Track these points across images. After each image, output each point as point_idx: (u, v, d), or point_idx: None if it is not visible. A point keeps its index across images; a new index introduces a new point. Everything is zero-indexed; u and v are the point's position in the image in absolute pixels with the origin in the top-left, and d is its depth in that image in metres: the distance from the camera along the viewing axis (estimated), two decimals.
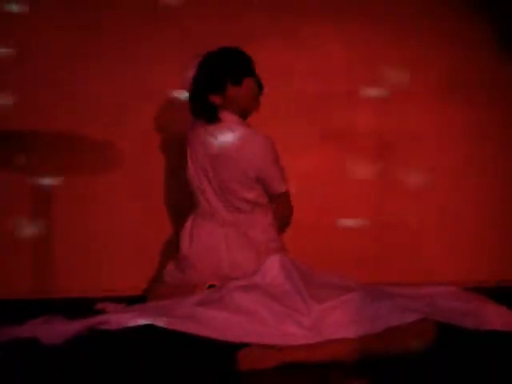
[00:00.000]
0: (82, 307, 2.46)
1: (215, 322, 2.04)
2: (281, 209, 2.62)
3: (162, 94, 3.10)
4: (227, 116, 2.53)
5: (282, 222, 2.65)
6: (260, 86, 2.59)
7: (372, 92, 3.29)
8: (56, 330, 2.07)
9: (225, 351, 1.95)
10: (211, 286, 2.39)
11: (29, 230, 3.02)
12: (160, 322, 2.03)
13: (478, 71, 3.39)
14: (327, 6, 3.27)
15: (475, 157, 3.40)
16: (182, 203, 2.87)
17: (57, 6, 3.05)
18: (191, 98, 2.58)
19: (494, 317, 2.17)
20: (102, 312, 2.35)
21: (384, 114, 3.31)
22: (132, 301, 2.57)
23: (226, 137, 2.49)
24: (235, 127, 2.50)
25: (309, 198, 3.14)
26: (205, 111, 2.54)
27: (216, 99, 2.53)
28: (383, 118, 3.31)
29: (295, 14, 3.23)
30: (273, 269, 2.30)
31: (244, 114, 2.59)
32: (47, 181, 3.04)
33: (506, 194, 3.42)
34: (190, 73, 2.55)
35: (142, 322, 2.05)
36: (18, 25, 3.00)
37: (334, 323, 2.07)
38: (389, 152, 3.32)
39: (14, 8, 2.79)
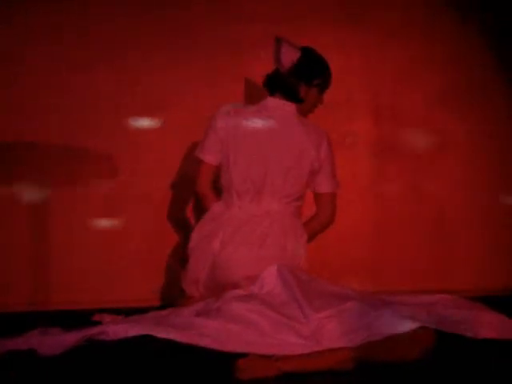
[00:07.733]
0: (79, 319, 2.44)
1: (213, 332, 2.03)
2: None
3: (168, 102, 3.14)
4: None
5: None
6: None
7: (370, 100, 3.31)
8: (53, 341, 2.05)
9: (223, 361, 1.94)
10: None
11: (26, 241, 3.01)
12: (157, 333, 2.02)
13: (476, 81, 3.41)
14: (325, 17, 3.30)
15: (475, 164, 3.43)
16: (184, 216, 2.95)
17: (56, 13, 3.08)
18: (284, 77, 2.53)
19: (493, 325, 2.16)
20: (98, 323, 2.34)
21: (383, 121, 3.33)
22: (130, 313, 2.56)
23: None
24: None
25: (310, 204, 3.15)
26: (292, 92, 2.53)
27: (302, 89, 2.54)
28: (382, 126, 3.33)
29: (294, 25, 3.25)
30: (271, 278, 2.30)
31: None
32: (45, 192, 3.04)
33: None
34: (296, 54, 2.52)
35: (139, 332, 2.04)
36: (18, 35, 3.02)
37: (332, 332, 2.06)
38: (387, 158, 3.34)
39: None
